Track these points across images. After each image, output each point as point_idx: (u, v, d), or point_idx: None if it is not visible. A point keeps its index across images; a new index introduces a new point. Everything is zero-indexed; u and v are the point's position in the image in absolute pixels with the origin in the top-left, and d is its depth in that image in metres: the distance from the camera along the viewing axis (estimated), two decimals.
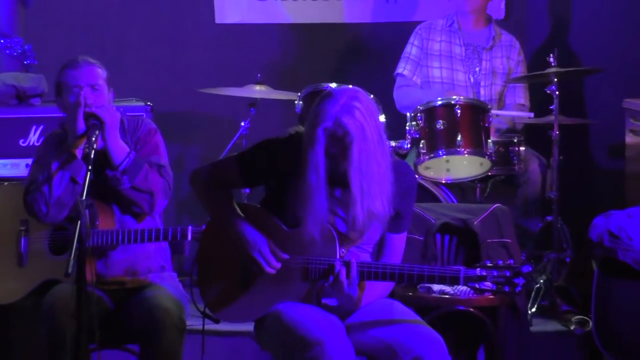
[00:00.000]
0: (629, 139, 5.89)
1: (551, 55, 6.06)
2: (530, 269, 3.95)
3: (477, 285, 4.02)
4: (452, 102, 5.95)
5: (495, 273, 3.96)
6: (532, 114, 6.33)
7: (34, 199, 4.58)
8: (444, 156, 5.93)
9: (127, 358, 4.96)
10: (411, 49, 6.53)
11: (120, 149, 4.55)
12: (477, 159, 5.95)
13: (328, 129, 3.92)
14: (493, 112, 6.05)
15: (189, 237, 4.43)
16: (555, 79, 5.96)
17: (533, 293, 5.82)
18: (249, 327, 4.29)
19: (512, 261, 3.98)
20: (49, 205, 4.54)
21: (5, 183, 5.02)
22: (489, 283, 3.98)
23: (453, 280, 4.02)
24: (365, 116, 3.94)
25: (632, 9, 6.71)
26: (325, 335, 3.92)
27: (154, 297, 4.49)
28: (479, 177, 6.03)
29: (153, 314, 4.41)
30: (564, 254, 6.05)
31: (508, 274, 3.94)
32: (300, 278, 4.09)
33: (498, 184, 6.18)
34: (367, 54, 7.09)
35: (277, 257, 4.10)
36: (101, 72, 4.64)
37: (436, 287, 5.19)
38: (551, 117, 5.98)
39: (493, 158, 5.95)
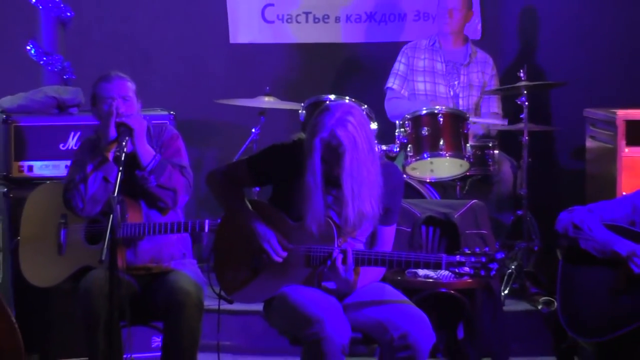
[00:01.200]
0: (589, 143, 5.87)
1: (521, 70, 6.05)
2: (503, 255, 3.95)
3: (457, 270, 4.02)
4: (435, 111, 5.96)
5: (472, 259, 3.96)
6: (505, 121, 6.33)
7: (72, 196, 4.58)
8: (429, 158, 5.92)
9: (153, 333, 4.98)
10: (399, 65, 6.53)
11: (147, 153, 4.54)
12: (457, 161, 5.94)
13: (324, 139, 3.94)
14: (471, 119, 6.06)
15: (207, 230, 4.43)
16: (525, 91, 5.95)
17: (505, 277, 5.81)
18: (258, 307, 4.29)
19: (487, 249, 3.99)
20: (84, 201, 4.55)
21: (47, 182, 5.02)
22: (467, 268, 3.97)
23: (436, 266, 4.03)
24: (357, 129, 3.95)
25: (590, 30, 6.70)
26: (325, 314, 3.92)
27: (176, 280, 4.49)
28: (458, 176, 6.02)
29: (175, 295, 4.42)
30: (533, 244, 6.04)
31: (484, 259, 3.94)
32: (303, 264, 4.09)
33: (475, 183, 6.17)
34: (362, 70, 7.08)
35: (283, 247, 4.10)
36: (130, 85, 4.64)
37: (421, 272, 5.20)
38: (521, 125, 5.97)
39: (471, 160, 5.95)
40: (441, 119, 5.93)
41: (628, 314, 3.94)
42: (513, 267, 5.90)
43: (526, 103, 5.95)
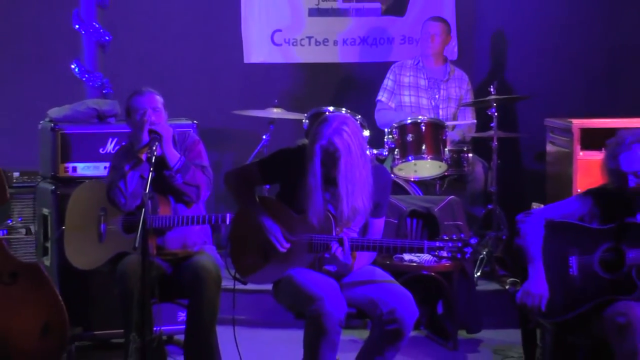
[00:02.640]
0: (549, 148, 5.87)
1: (491, 85, 6.04)
2: (476, 241, 3.95)
3: (437, 254, 4.03)
4: (418, 120, 5.95)
5: (450, 244, 3.96)
6: (474, 121, 6.36)
7: (114, 194, 4.58)
8: (412, 161, 5.92)
9: (179, 309, 4.97)
10: (387, 81, 6.51)
11: (173, 155, 4.54)
12: (436, 163, 5.93)
13: (323, 146, 3.96)
14: (448, 124, 6.06)
15: (228, 222, 4.43)
16: (494, 104, 5.94)
17: (478, 262, 5.79)
18: (268, 287, 4.29)
19: (462, 235, 3.99)
20: (126, 197, 4.54)
21: (88, 180, 5.01)
22: (446, 252, 3.98)
23: (419, 250, 4.05)
24: (351, 137, 3.97)
25: (551, 51, 6.70)
26: (324, 293, 3.93)
27: (199, 261, 4.50)
28: (438, 176, 6.00)
29: (198, 274, 4.43)
30: (501, 233, 6.03)
31: (460, 244, 3.94)
32: (307, 251, 4.09)
33: (452, 181, 6.16)
34: (356, 85, 7.07)
35: (287, 239, 4.11)
36: (159, 98, 4.64)
37: (407, 256, 5.21)
38: (491, 132, 5.95)
39: (448, 162, 5.94)
40: (423, 127, 5.93)
41: (578, 299, 3.93)
42: (484, 253, 5.88)
43: (495, 113, 5.95)
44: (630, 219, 3.93)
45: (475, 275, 5.69)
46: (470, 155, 6.11)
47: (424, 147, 5.90)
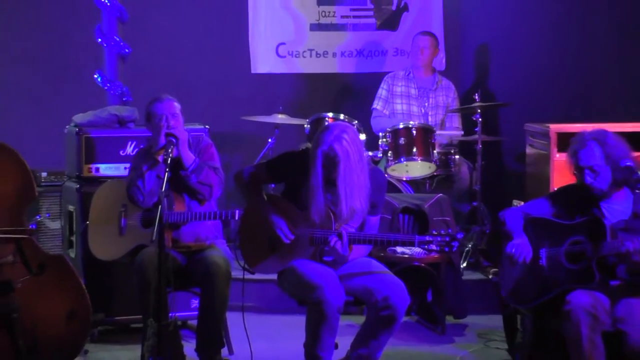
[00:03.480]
0: (528, 150, 5.86)
1: (476, 94, 6.05)
2: (462, 235, 3.95)
3: (426, 247, 4.04)
4: (410, 125, 5.95)
5: (439, 238, 3.95)
6: (462, 132, 6.34)
7: (133, 192, 4.57)
8: (404, 162, 5.91)
9: (192, 297, 4.96)
10: (382, 91, 6.50)
11: (188, 157, 4.54)
12: (426, 164, 5.93)
13: (324, 151, 3.97)
14: (437, 132, 6.05)
15: (237, 218, 4.42)
16: (479, 110, 5.95)
17: (464, 253, 5.80)
18: (273, 277, 4.28)
19: (450, 230, 3.99)
20: (144, 195, 4.54)
21: (110, 180, 5.00)
22: (435, 245, 3.97)
23: (410, 244, 4.08)
24: (350, 144, 3.98)
25: (530, 63, 6.70)
26: (325, 282, 3.94)
27: (210, 255, 4.49)
28: (428, 176, 6.00)
29: (210, 269, 4.43)
30: (485, 227, 6.03)
31: (447, 239, 3.93)
32: (309, 244, 4.09)
33: (441, 181, 6.15)
34: (353, 93, 7.06)
35: (292, 232, 4.11)
36: (177, 105, 4.63)
37: (399, 249, 5.19)
38: (476, 136, 5.96)
39: (437, 163, 5.94)
40: (414, 132, 5.92)
41: (546, 287, 3.93)
42: (470, 245, 5.89)
43: (480, 119, 5.96)
44: (595, 211, 3.91)
45: (462, 266, 5.69)
46: (457, 156, 6.10)
47: (414, 150, 5.89)
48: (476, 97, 6.04)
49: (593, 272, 3.82)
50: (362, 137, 5.71)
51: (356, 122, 5.73)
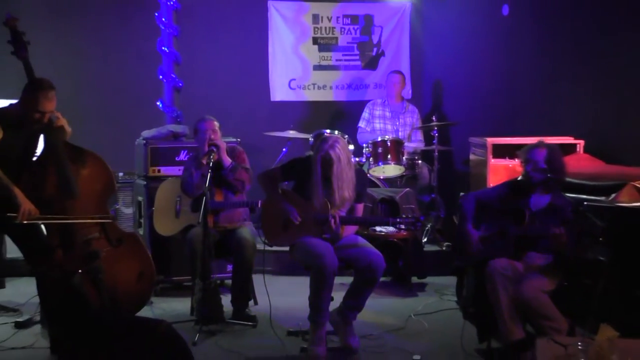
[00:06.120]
0: (471, 157, 5.84)
1: (433, 116, 6.06)
2: (423, 218, 3.98)
3: (398, 227, 4.06)
4: (385, 139, 5.93)
5: (407, 220, 3.99)
6: (423, 144, 6.34)
7: (186, 186, 4.60)
8: (382, 165, 5.89)
9: (227, 263, 4.97)
10: (365, 114, 6.49)
11: (226, 160, 4.54)
12: (398, 167, 5.91)
13: (322, 156, 3.98)
14: (405, 143, 6.06)
15: (259, 206, 4.43)
16: (436, 128, 5.95)
17: (425, 231, 5.80)
18: (285, 249, 4.27)
19: (415, 215, 3.99)
20: (193, 188, 4.55)
21: (169, 178, 5.01)
22: (404, 225, 4.01)
23: (386, 224, 4.11)
24: (341, 151, 3.99)
25: (473, 94, 6.69)
26: (324, 252, 3.94)
27: (241, 233, 4.50)
28: (398, 175, 5.97)
29: (240, 241, 4.44)
30: (440, 213, 6.03)
31: (413, 220, 3.96)
32: (312, 224, 4.09)
33: (408, 179, 6.13)
34: (344, 116, 7.06)
35: (300, 216, 4.11)
36: (216, 123, 4.63)
37: (378, 228, 5.21)
38: (434, 146, 5.95)
39: (405, 166, 5.92)
40: (389, 143, 5.90)
41: (481, 252, 3.87)
42: (429, 225, 5.89)
43: (436, 134, 5.95)
44: (523, 201, 3.84)
45: (423, 241, 5.69)
46: (420, 161, 6.10)
47: (389, 156, 5.88)
48: (433, 118, 6.03)
49: (512, 246, 3.77)
50: (351, 147, 5.70)
51: (347, 136, 5.71)
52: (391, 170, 5.95)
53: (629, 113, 5.04)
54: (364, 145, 6.05)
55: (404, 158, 5.92)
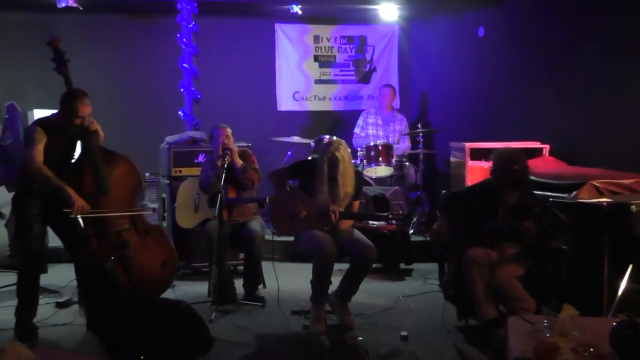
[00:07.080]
0: (452, 159, 5.86)
1: (419, 124, 6.09)
2: (410, 213, 3.96)
3: (389, 221, 4.06)
4: (377, 144, 5.95)
5: (396, 215, 4.00)
6: (410, 148, 6.33)
7: (203, 185, 4.60)
8: (374, 167, 5.91)
9: (240, 252, 4.96)
10: (360, 121, 6.50)
11: (238, 162, 4.54)
12: (388, 168, 5.93)
13: (329, 157, 3.98)
14: (395, 146, 6.07)
15: (268, 201, 4.44)
16: (421, 134, 5.97)
17: (412, 224, 5.81)
18: (291, 239, 4.28)
19: (403, 210, 3.99)
20: (210, 187, 4.54)
21: (189, 177, 5.02)
22: (394, 220, 4.02)
23: (379, 219, 4.07)
24: (344, 152, 4.00)
25: (454, 104, 6.70)
26: (325, 242, 3.95)
27: (252, 226, 4.50)
28: (389, 175, 5.99)
29: (251, 232, 4.43)
30: (425, 208, 6.05)
31: (401, 215, 3.98)
32: (316, 218, 4.09)
33: (397, 178, 6.13)
34: (341, 123, 7.07)
35: (304, 210, 4.11)
36: (229, 130, 4.63)
37: (372, 222, 5.22)
38: (419, 150, 5.98)
39: (395, 167, 5.94)
40: (380, 148, 5.92)
41: (460, 240, 3.86)
42: (415, 219, 5.90)
43: (421, 139, 5.98)
44: (496, 198, 3.82)
45: (410, 232, 5.69)
46: (407, 163, 6.11)
47: (380, 159, 5.90)
48: (419, 125, 6.06)
49: (487, 238, 3.77)
50: (349, 150, 5.71)
51: (344, 141, 5.71)
52: (382, 171, 5.96)
53: (588, 121, 5.09)
54: (359, 149, 6.07)
55: (393, 160, 5.94)
